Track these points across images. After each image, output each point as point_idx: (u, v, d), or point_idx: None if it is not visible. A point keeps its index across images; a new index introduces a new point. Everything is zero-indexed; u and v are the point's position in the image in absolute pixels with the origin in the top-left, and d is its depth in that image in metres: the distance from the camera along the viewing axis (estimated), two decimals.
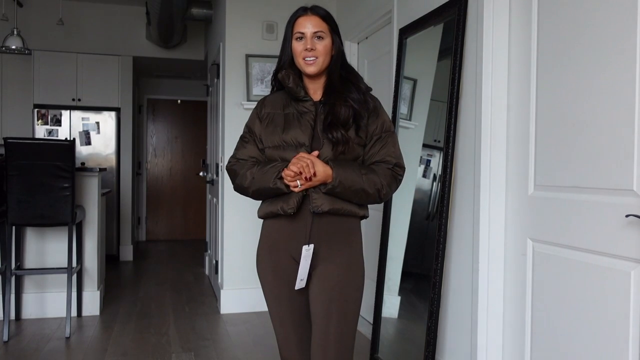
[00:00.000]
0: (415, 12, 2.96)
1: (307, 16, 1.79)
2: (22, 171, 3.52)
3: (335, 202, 1.73)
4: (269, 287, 1.85)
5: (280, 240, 1.79)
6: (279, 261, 1.80)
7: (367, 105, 1.80)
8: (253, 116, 1.88)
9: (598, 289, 1.85)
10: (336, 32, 1.82)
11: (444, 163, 2.57)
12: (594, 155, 1.88)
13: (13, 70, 6.18)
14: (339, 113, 1.75)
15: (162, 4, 4.86)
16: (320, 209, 1.71)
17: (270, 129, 1.79)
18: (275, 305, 1.83)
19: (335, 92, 1.78)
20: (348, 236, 1.79)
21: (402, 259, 2.91)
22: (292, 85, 1.78)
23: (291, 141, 1.75)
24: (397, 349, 2.91)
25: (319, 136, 1.75)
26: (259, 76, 4.26)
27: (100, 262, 4.39)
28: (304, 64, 1.76)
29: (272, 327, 1.94)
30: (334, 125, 1.73)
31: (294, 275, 1.76)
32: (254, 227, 4.29)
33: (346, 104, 1.76)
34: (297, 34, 1.78)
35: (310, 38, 1.76)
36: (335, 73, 1.80)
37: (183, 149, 8.37)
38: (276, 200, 1.76)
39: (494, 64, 2.37)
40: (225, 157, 4.28)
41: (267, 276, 1.84)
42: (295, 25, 1.80)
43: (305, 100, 1.79)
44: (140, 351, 3.39)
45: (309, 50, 1.75)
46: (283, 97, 1.85)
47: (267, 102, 1.87)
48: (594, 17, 1.89)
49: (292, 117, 1.79)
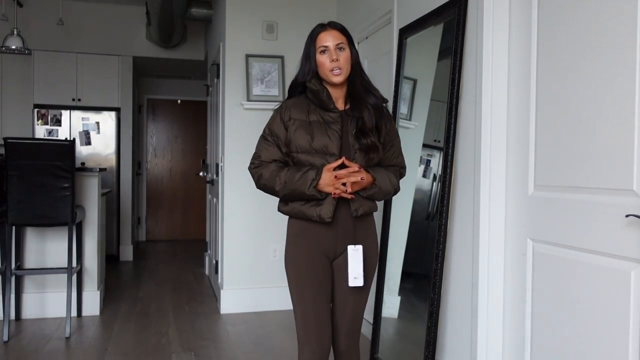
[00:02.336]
0: (415, 12, 2.96)
1: (327, 31, 1.94)
2: (22, 171, 3.52)
3: (366, 205, 1.95)
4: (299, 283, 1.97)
5: (310, 238, 1.94)
6: (313, 259, 1.95)
7: (383, 111, 2.00)
8: (276, 119, 1.98)
9: (598, 289, 1.85)
10: (352, 44, 1.98)
11: (444, 163, 2.57)
12: (594, 155, 1.88)
13: (13, 70, 6.17)
14: (366, 121, 1.92)
15: (162, 4, 4.86)
16: (358, 213, 1.92)
17: (299, 134, 1.92)
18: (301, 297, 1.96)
19: (359, 101, 1.95)
20: (368, 229, 2.01)
21: (402, 259, 2.91)
22: (325, 99, 1.93)
23: (321, 149, 1.90)
24: (397, 349, 2.91)
25: (347, 145, 1.92)
26: (259, 76, 4.26)
27: (100, 262, 4.39)
28: (332, 75, 1.91)
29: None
30: (364, 132, 1.91)
31: (323, 273, 1.95)
32: (254, 227, 4.31)
33: (369, 111, 1.94)
34: (320, 47, 1.93)
35: (334, 50, 1.92)
36: (357, 82, 1.97)
37: (183, 149, 8.37)
38: (311, 206, 1.90)
39: (494, 64, 2.37)
40: (226, 157, 4.28)
41: (300, 273, 1.96)
42: (317, 40, 1.94)
43: (333, 111, 1.94)
44: (140, 351, 3.39)
45: (334, 61, 1.90)
46: (305, 102, 1.98)
47: (291, 107, 1.97)
48: (594, 16, 1.89)
49: (320, 124, 1.92)
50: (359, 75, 1.97)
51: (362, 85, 1.97)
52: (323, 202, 1.88)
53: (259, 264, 4.30)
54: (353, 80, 1.96)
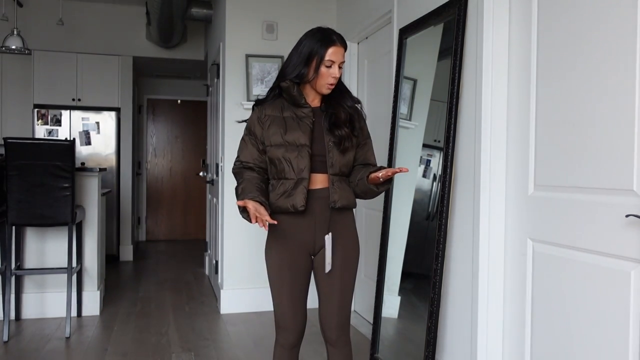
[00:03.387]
0: (415, 12, 2.96)
1: (338, 47, 2.00)
2: (22, 171, 3.52)
3: (345, 199, 2.03)
4: (275, 269, 2.06)
5: (289, 230, 2.02)
6: (288, 248, 2.03)
7: (358, 111, 2.12)
8: (253, 119, 2.09)
9: (598, 289, 1.85)
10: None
11: (444, 163, 2.57)
12: (594, 155, 1.88)
13: (13, 70, 6.18)
14: (340, 115, 2.03)
15: (162, 4, 4.86)
16: (337, 205, 2.00)
17: (272, 130, 2.02)
18: (279, 285, 2.06)
19: (333, 100, 2.06)
20: (346, 223, 2.09)
21: (402, 259, 2.91)
22: (296, 94, 2.02)
23: (293, 142, 1.99)
24: (397, 349, 2.91)
25: (319, 138, 2.01)
26: (259, 76, 4.26)
27: (100, 262, 4.39)
28: (326, 87, 2.01)
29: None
30: (337, 124, 2.01)
31: (300, 264, 2.04)
32: (254, 227, 4.30)
33: (344, 110, 2.05)
34: (328, 62, 1.98)
35: (338, 68, 2.01)
36: (336, 86, 2.06)
37: (183, 149, 8.37)
38: (285, 198, 1.99)
39: (494, 64, 2.37)
40: (226, 157, 4.28)
41: (275, 260, 2.06)
42: (328, 52, 1.98)
43: (304, 107, 2.03)
44: (140, 351, 3.39)
45: (335, 78, 2.00)
46: (279, 102, 2.08)
47: (266, 106, 2.08)
48: (595, 16, 1.89)
49: (292, 120, 2.02)
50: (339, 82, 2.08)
51: (339, 88, 2.07)
52: (294, 192, 1.97)
53: (259, 264, 4.27)
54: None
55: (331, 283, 2.06)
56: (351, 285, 2.11)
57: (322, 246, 2.04)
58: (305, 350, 2.34)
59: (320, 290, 2.09)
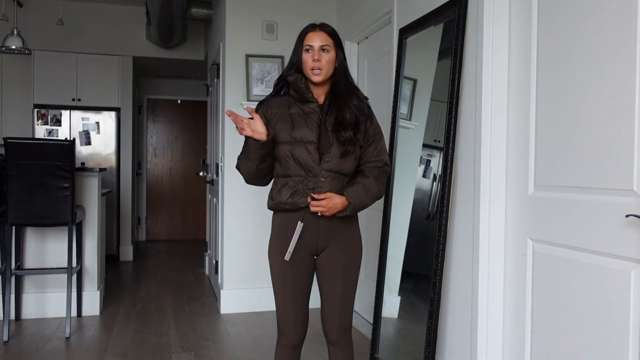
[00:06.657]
0: (415, 12, 2.97)
1: (315, 32, 2.03)
2: (22, 171, 3.52)
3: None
4: (278, 270, 2.06)
5: (291, 230, 2.00)
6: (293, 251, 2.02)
7: (364, 111, 2.08)
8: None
9: (598, 289, 1.85)
10: (340, 47, 2.06)
11: (444, 163, 2.57)
12: (594, 155, 1.88)
13: (13, 70, 6.17)
14: (345, 116, 2.00)
15: (162, 4, 4.86)
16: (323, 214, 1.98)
17: (279, 126, 2.01)
18: (282, 285, 2.06)
19: (338, 98, 2.04)
20: (350, 226, 2.08)
21: (402, 259, 2.91)
22: (303, 87, 2.02)
23: (300, 138, 1.98)
24: (397, 349, 2.91)
25: (325, 135, 2.00)
26: (259, 76, 4.26)
27: (100, 262, 4.39)
28: (312, 73, 2.01)
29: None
30: (342, 126, 1.99)
31: (302, 265, 2.03)
32: (254, 227, 4.31)
33: (350, 109, 2.01)
34: (306, 46, 2.02)
35: (318, 50, 2.00)
36: (340, 82, 2.05)
37: (183, 149, 8.37)
38: (289, 197, 1.99)
39: (494, 64, 2.37)
40: (226, 157, 4.29)
41: (277, 261, 2.05)
42: (305, 39, 2.04)
43: (311, 102, 2.03)
44: (140, 351, 3.39)
45: (315, 60, 1.99)
46: (286, 99, 2.08)
47: (272, 104, 2.07)
48: (594, 16, 1.89)
49: (299, 116, 2.02)
50: (343, 77, 2.05)
51: (346, 86, 2.06)
52: (298, 190, 1.98)
53: (259, 264, 4.30)
54: (337, 80, 2.05)
55: (334, 284, 2.06)
56: (354, 287, 2.11)
57: (325, 248, 2.04)
58: (305, 350, 2.33)
59: (323, 291, 2.09)
